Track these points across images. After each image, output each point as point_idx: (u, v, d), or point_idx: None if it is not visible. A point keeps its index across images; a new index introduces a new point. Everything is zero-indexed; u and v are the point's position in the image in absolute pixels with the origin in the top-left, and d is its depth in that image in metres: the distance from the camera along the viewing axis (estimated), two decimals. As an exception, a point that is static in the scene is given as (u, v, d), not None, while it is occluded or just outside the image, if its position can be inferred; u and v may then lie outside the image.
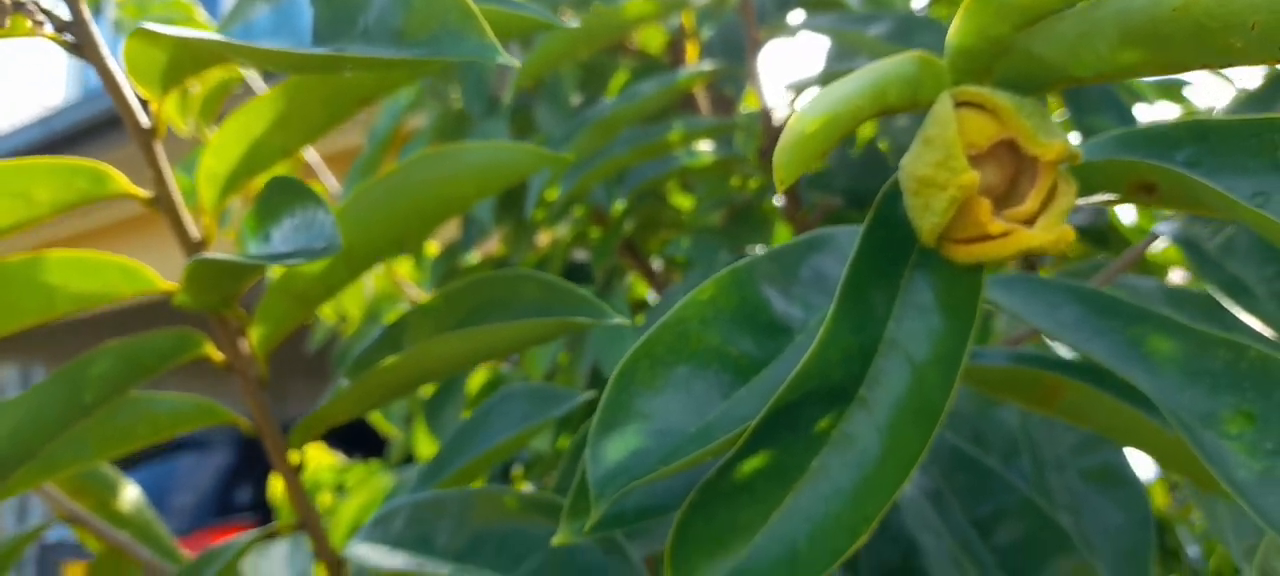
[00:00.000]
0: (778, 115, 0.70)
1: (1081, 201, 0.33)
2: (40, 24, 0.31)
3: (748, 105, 0.85)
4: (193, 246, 0.37)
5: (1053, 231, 0.27)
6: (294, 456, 0.44)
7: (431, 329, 0.39)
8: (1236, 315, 0.50)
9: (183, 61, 0.33)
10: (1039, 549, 0.47)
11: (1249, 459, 0.30)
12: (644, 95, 0.62)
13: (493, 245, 1.11)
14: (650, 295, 1.03)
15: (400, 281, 1.20)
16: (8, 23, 0.30)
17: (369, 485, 1.11)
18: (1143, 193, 0.32)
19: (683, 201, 1.05)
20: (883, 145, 0.77)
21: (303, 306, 0.41)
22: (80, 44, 0.32)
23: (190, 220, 0.37)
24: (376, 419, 1.19)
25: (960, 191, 0.26)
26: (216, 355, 0.40)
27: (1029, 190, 0.28)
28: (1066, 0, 0.27)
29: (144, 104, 0.35)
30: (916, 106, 0.31)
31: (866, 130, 0.82)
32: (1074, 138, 0.69)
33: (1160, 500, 1.21)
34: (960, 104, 0.28)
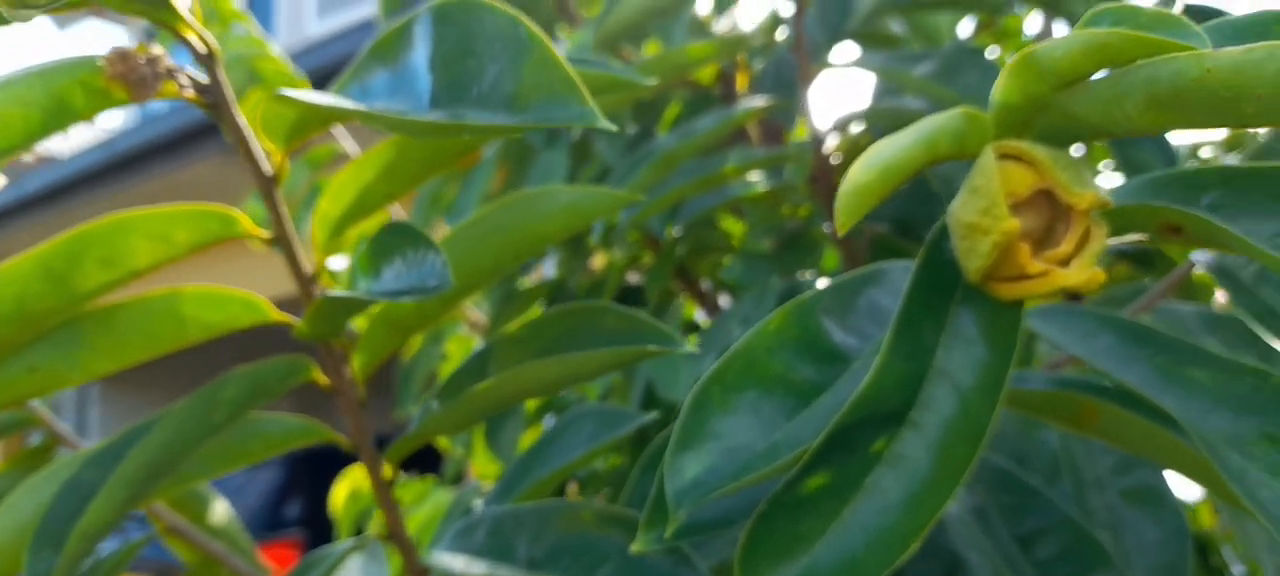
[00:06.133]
0: (827, 145, 0.73)
1: (1115, 241, 0.37)
2: (184, 88, 0.36)
3: (798, 136, 0.89)
4: (306, 281, 0.41)
5: (1085, 272, 0.30)
6: (387, 471, 0.48)
7: (519, 355, 0.43)
8: (1270, 343, 0.52)
9: (309, 121, 0.37)
10: (1078, 563, 0.49)
11: (1272, 479, 0.33)
12: (702, 131, 0.66)
13: (547, 268, 1.15)
14: (699, 315, 1.06)
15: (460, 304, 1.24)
16: (160, 87, 0.34)
17: (428, 501, 1.15)
18: (1171, 233, 0.35)
19: (733, 226, 1.09)
20: (927, 177, 0.80)
21: (400, 334, 0.45)
22: (216, 105, 0.37)
23: (304, 257, 0.42)
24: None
25: (1003, 237, 0.30)
26: (322, 379, 0.45)
27: (1064, 234, 0.31)
28: (1100, 65, 0.31)
29: (266, 155, 0.40)
30: (964, 156, 0.34)
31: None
32: (1118, 177, 0.72)
33: (1206, 520, 1.21)
34: (1002, 156, 0.32)
